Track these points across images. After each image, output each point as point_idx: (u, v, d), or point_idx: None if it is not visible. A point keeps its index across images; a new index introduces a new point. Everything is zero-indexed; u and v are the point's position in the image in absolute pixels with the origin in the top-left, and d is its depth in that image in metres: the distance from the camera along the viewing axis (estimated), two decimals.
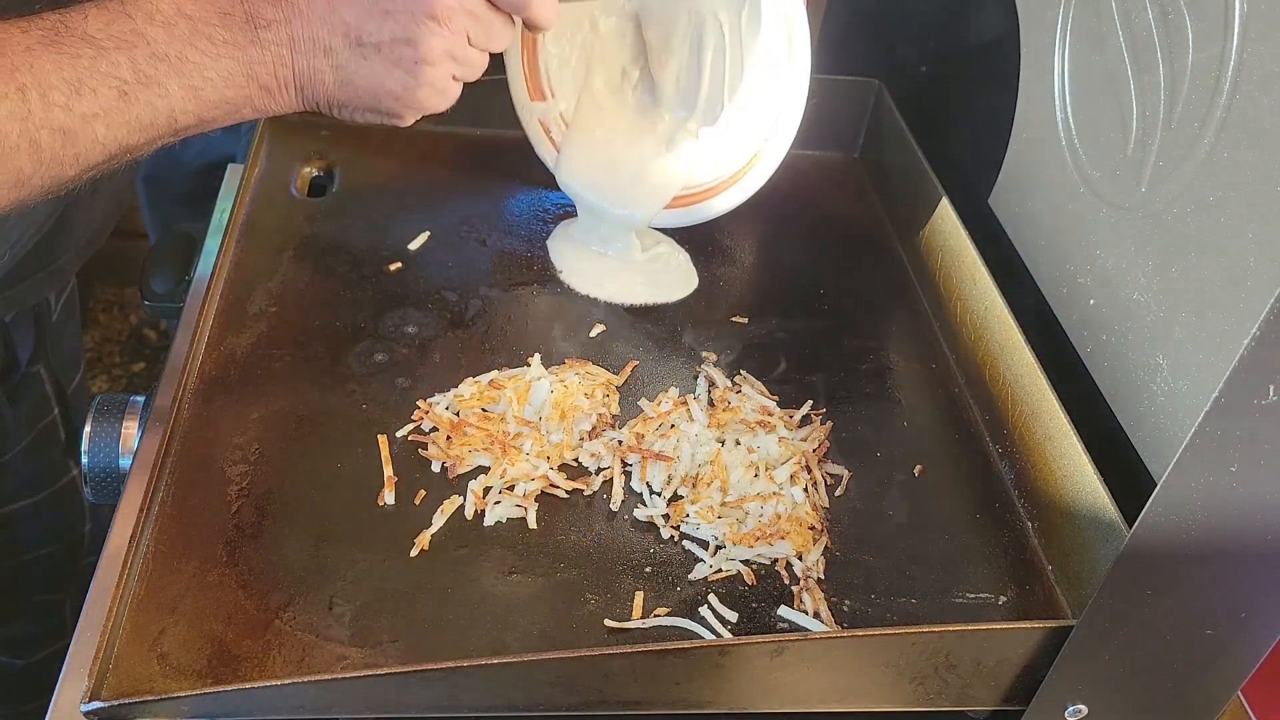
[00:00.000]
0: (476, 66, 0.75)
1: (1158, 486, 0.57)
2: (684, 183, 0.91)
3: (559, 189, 0.98)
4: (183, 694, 0.61)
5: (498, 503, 0.75)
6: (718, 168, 0.90)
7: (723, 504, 0.76)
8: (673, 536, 0.75)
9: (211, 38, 0.66)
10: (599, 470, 0.78)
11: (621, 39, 0.91)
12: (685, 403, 0.83)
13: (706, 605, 0.70)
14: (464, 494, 0.75)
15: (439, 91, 0.73)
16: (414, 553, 0.71)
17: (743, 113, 0.88)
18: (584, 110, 0.93)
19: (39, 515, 1.08)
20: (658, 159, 0.91)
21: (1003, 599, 0.73)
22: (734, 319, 0.94)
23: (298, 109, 0.72)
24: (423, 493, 0.75)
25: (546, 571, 0.71)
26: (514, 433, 0.78)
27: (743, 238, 1.02)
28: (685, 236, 0.99)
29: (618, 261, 0.95)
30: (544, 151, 0.96)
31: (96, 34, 0.63)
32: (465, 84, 0.76)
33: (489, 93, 1.04)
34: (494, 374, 0.83)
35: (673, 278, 0.96)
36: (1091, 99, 0.84)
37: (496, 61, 0.82)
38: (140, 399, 0.83)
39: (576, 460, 0.79)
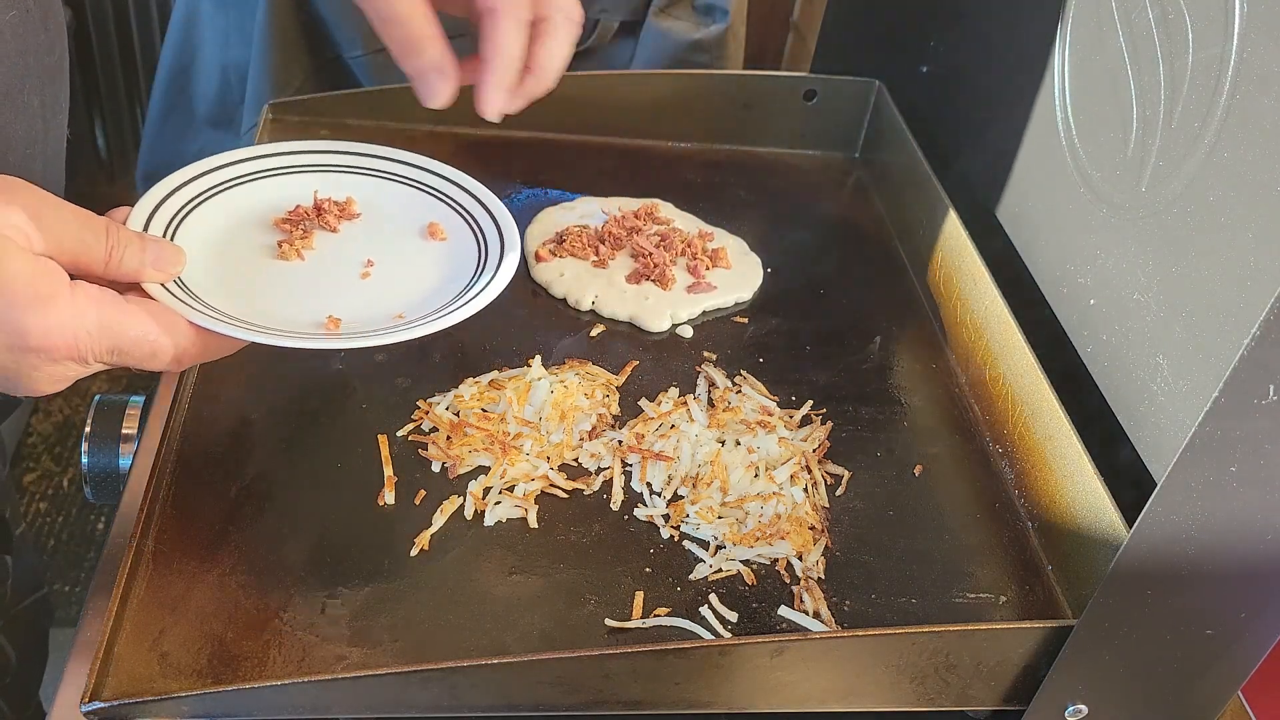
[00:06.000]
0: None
1: (1158, 486, 0.57)
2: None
3: (559, 188, 0.99)
4: (183, 694, 0.61)
5: (498, 503, 0.75)
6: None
7: (723, 504, 0.76)
8: (673, 536, 0.75)
9: None
10: (599, 470, 0.78)
11: None
12: (685, 403, 0.83)
13: (706, 605, 0.70)
14: (464, 494, 0.75)
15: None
16: (414, 553, 0.71)
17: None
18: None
19: None
20: None
21: (1003, 599, 0.73)
22: (734, 319, 0.94)
23: None
24: (423, 493, 0.75)
25: (546, 571, 0.71)
26: (514, 433, 0.78)
27: (743, 237, 1.01)
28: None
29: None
30: None
31: None
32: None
33: None
34: (494, 374, 0.83)
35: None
36: (1091, 99, 0.84)
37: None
38: (140, 399, 0.83)
39: (576, 460, 0.79)
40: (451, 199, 0.80)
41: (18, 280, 0.54)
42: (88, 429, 0.81)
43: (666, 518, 0.76)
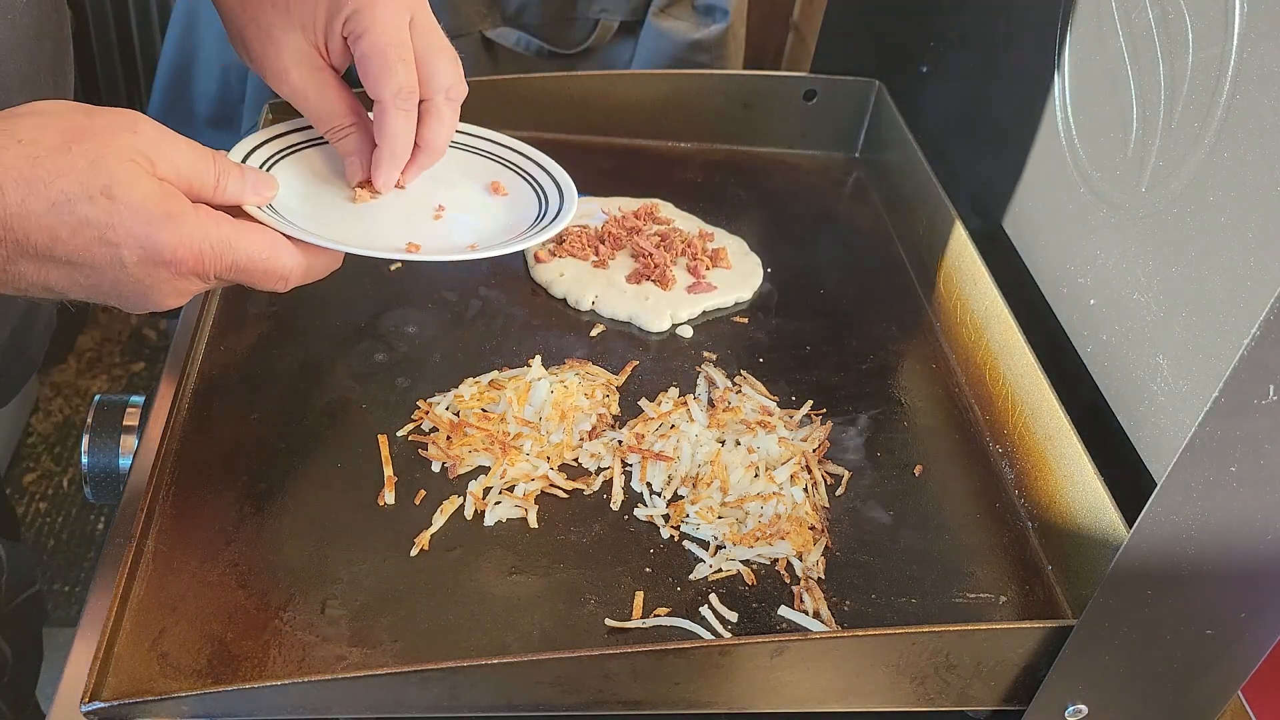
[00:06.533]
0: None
1: (1158, 487, 0.57)
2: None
3: None
4: (183, 694, 0.61)
5: (498, 503, 0.75)
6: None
7: (723, 504, 0.76)
8: (673, 536, 0.75)
9: None
10: (599, 470, 0.78)
11: None
12: (685, 403, 0.83)
13: (707, 605, 0.70)
14: (464, 494, 0.75)
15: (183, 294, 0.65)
16: (414, 553, 0.71)
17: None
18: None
19: None
20: None
21: (1003, 599, 0.73)
22: (734, 319, 0.94)
23: None
24: (423, 493, 0.75)
25: (546, 571, 0.71)
26: (514, 433, 0.78)
27: (743, 237, 1.01)
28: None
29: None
30: None
31: None
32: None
33: (490, 93, 1.04)
34: (494, 374, 0.83)
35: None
36: (1091, 99, 0.84)
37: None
38: (140, 399, 0.83)
39: (576, 460, 0.79)
40: (509, 162, 0.86)
41: (150, 199, 0.59)
42: (88, 429, 0.81)
43: (666, 518, 0.76)
